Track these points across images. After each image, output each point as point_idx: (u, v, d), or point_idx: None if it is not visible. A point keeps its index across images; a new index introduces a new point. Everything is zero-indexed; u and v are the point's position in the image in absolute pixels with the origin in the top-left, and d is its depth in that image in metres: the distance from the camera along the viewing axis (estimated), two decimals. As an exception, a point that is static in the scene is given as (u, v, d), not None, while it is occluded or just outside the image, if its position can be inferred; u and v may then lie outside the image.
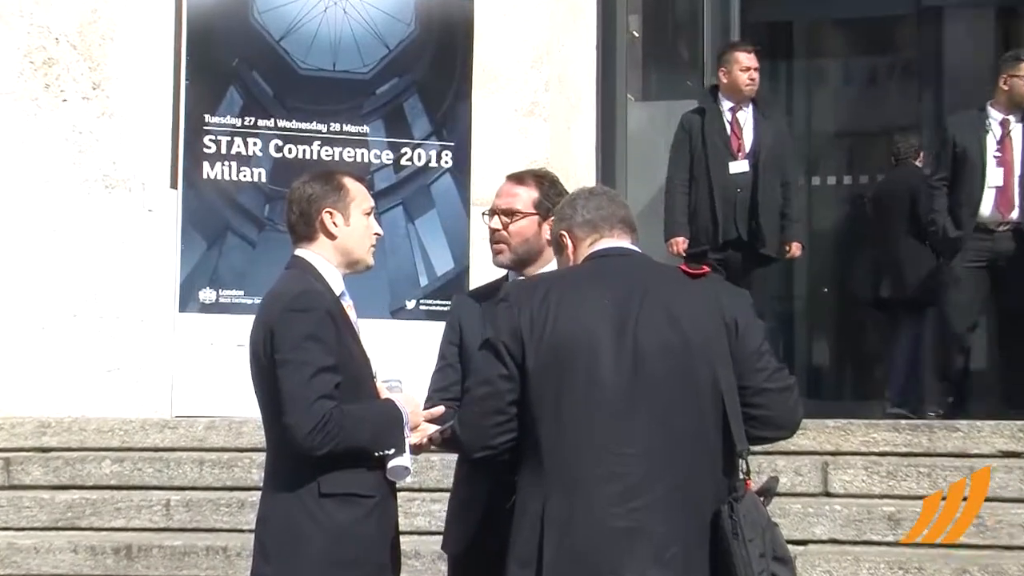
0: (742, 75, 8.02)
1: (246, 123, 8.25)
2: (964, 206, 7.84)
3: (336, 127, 8.32)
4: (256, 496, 4.08)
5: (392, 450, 3.85)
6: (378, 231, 4.06)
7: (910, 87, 11.04)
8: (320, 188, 3.99)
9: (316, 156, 8.27)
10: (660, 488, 3.39)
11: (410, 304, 8.28)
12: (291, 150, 8.26)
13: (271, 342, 3.78)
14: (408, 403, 3.94)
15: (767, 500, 3.53)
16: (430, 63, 8.47)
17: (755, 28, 9.89)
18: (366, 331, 4.07)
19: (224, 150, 8.21)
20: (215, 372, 7.90)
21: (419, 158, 8.40)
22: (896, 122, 10.57)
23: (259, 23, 8.33)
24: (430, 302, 8.26)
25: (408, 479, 3.96)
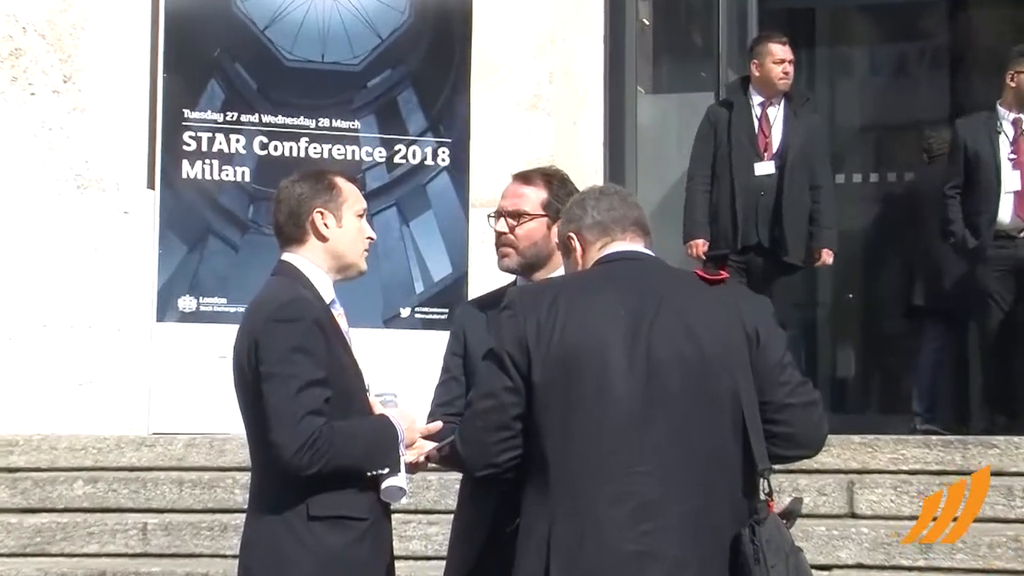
0: (776, 68, 8.01)
1: (228, 118, 8.25)
2: (982, 214, 7.82)
3: (325, 122, 8.33)
4: (240, 519, 4.08)
5: (386, 469, 3.84)
6: (371, 235, 4.06)
7: (941, 77, 11.03)
8: (310, 187, 3.99)
9: (303, 154, 8.27)
10: (675, 509, 3.39)
11: (405, 312, 8.28)
12: (277, 147, 8.27)
13: (256, 354, 3.77)
14: (403, 419, 3.93)
15: (790, 523, 3.52)
16: (425, 54, 8.48)
17: (774, 15, 9.89)
18: (358, 341, 4.06)
19: (205, 147, 8.21)
20: (195, 386, 7.89)
21: (414, 156, 8.41)
22: (927, 115, 10.56)
23: (242, 11, 8.34)
24: (426, 310, 8.26)
25: (403, 500, 3.95)
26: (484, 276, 4.84)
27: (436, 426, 4.03)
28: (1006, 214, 7.83)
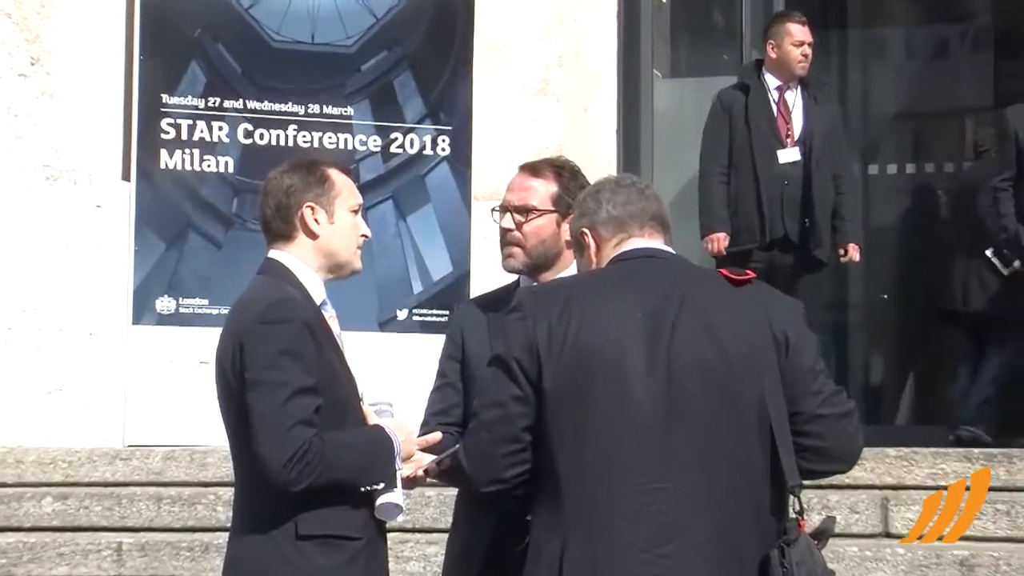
0: (794, 50, 8.03)
1: (210, 104, 8.25)
2: None
3: (315, 109, 8.33)
4: (223, 538, 4.09)
5: (381, 484, 3.84)
6: (366, 232, 4.06)
7: (985, 60, 11.01)
8: (300, 179, 3.99)
9: (292, 142, 8.27)
10: (697, 530, 3.38)
11: (401, 314, 8.27)
12: (263, 136, 8.27)
13: (240, 359, 3.77)
14: (400, 430, 3.93)
15: (822, 543, 3.52)
16: (424, 34, 8.48)
17: (802, -8, 9.87)
18: (351, 346, 4.06)
19: (185, 136, 8.21)
20: (175, 394, 7.89)
21: (411, 145, 8.41)
22: (968, 102, 10.55)
23: (225, -12, 8.36)
24: (425, 312, 8.26)
25: (400, 518, 3.96)
26: (487, 275, 4.84)
27: (435, 437, 4.03)
28: None
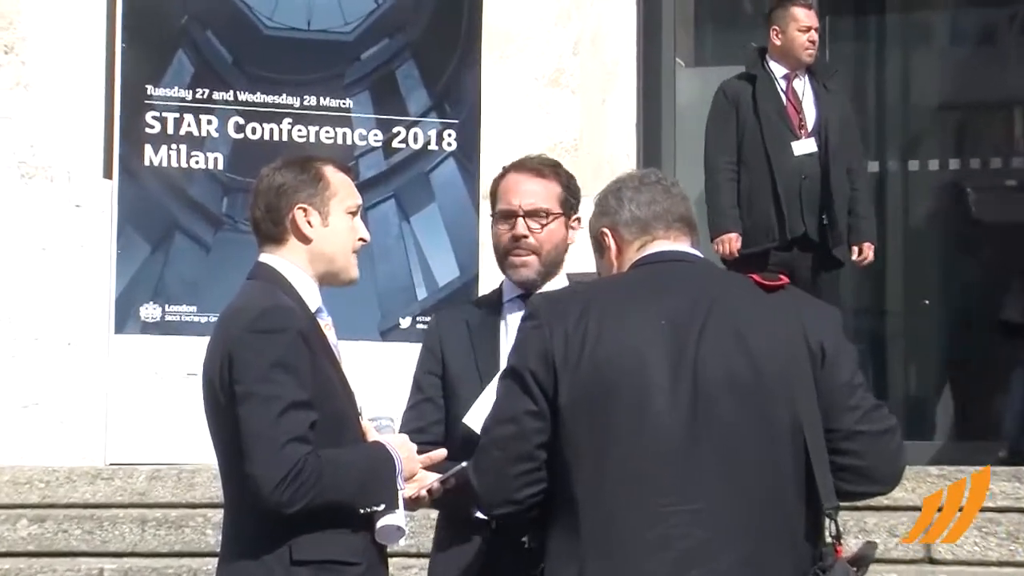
0: (800, 36, 8.06)
1: (198, 96, 8.26)
2: None
3: (311, 101, 8.34)
4: (212, 564, 4.09)
5: (382, 506, 3.84)
6: (364, 236, 4.04)
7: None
8: (293, 178, 3.98)
9: (286, 137, 8.29)
10: (725, 556, 3.37)
11: (404, 323, 8.28)
12: (255, 130, 8.28)
13: (230, 371, 3.77)
14: (401, 447, 3.93)
15: (861, 571, 3.51)
16: (429, 21, 8.49)
17: (836, -26, 9.87)
18: (350, 357, 4.06)
19: (171, 130, 8.22)
20: (160, 408, 7.90)
21: (415, 139, 8.41)
22: (1017, 92, 10.53)
23: (214, -29, 8.37)
24: (429, 320, 8.24)
25: (402, 542, 3.96)
26: (496, 280, 4.83)
27: (440, 454, 4.04)
28: None
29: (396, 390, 6.04)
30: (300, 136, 8.30)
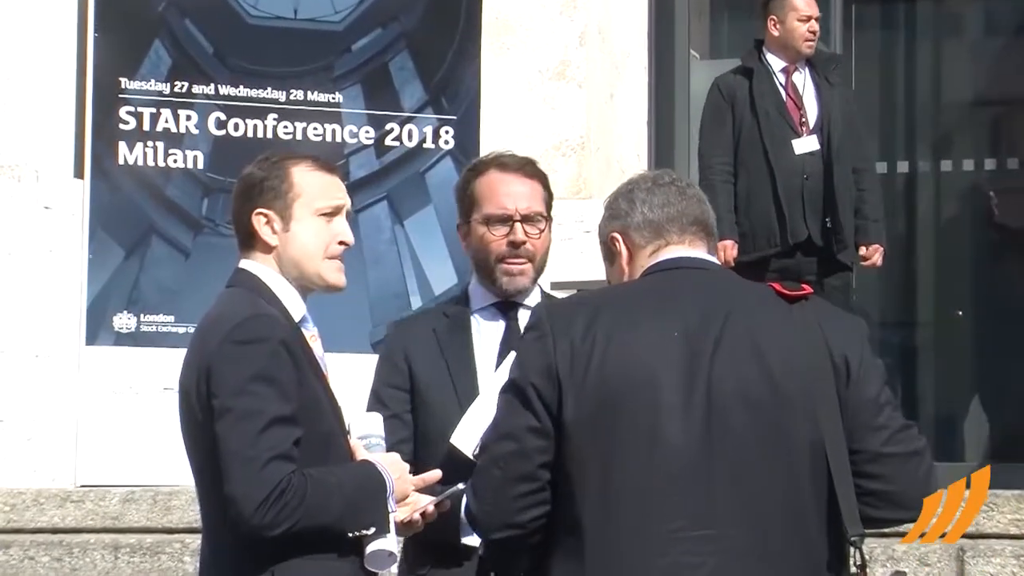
0: (800, 26, 8.09)
1: (177, 89, 8.26)
2: None
3: (298, 95, 8.34)
4: (189, 594, 4.08)
5: (371, 529, 3.84)
6: (345, 239, 4.01)
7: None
8: (254, 181, 3.98)
9: (271, 133, 8.28)
10: (741, 586, 3.38)
11: (397, 334, 8.26)
12: (237, 126, 8.28)
13: (207, 384, 3.77)
14: (393, 467, 3.93)
15: (890, 604, 3.53)
16: (425, 9, 8.49)
17: (860, -41, 9.88)
18: (338, 370, 4.05)
19: (147, 126, 8.22)
20: (135, 426, 7.89)
21: (410, 137, 8.41)
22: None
23: (194, -45, 8.37)
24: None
25: (393, 568, 3.94)
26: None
27: (435, 475, 4.03)
28: None
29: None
30: (286, 133, 8.29)
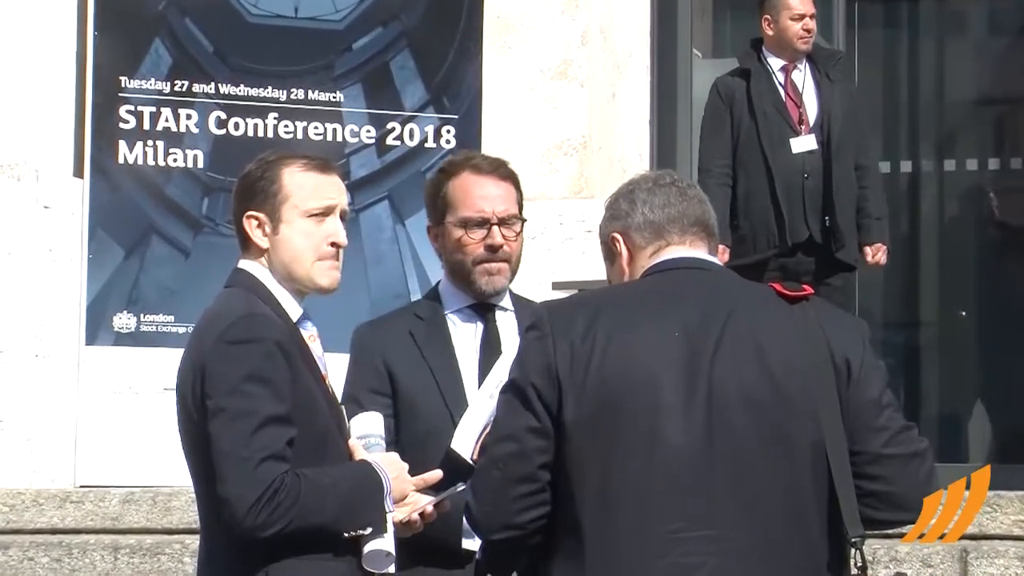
0: (793, 25, 8.08)
1: (177, 89, 8.26)
2: None
3: (299, 94, 8.33)
4: (187, 594, 4.08)
5: (368, 529, 3.84)
6: (337, 239, 3.99)
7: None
8: (246, 183, 4.00)
9: (272, 133, 8.28)
10: (741, 588, 3.37)
11: (399, 333, 8.26)
12: (238, 125, 8.27)
13: (202, 384, 3.77)
14: (391, 466, 3.92)
15: (892, 607, 3.53)
16: (426, 8, 8.48)
17: (864, -43, 9.87)
18: (337, 370, 4.04)
19: (147, 125, 8.21)
20: (134, 426, 7.88)
21: (411, 136, 8.41)
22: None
23: (194, -47, 8.37)
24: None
25: (391, 569, 3.93)
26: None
27: (435, 475, 4.03)
28: None
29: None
30: (287, 132, 8.29)
